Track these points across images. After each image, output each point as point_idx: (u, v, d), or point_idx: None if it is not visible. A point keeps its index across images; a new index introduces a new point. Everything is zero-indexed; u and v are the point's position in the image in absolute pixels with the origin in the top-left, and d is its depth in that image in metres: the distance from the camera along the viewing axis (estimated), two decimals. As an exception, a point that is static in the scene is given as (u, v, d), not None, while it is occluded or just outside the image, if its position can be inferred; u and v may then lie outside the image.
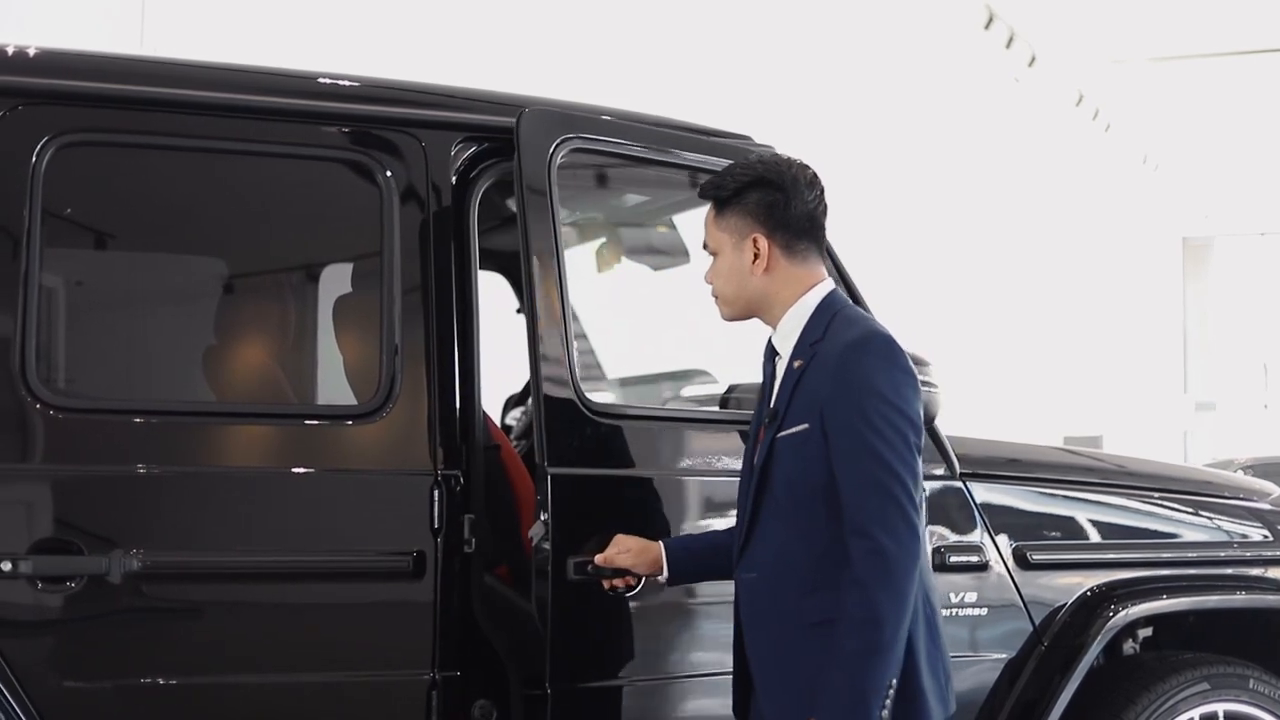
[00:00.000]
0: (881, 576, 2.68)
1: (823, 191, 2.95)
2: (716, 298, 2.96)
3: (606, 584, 3.10)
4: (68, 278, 3.58)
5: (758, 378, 3.05)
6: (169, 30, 6.31)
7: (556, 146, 3.26)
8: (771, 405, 2.89)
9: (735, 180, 2.92)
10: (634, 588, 3.12)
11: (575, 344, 3.23)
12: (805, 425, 2.78)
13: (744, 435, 3.23)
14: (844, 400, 2.74)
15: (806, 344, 2.85)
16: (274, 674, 3.10)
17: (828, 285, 2.93)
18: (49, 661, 2.94)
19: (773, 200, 2.90)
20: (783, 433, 2.82)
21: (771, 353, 2.96)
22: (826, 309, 2.89)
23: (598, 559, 3.07)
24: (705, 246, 2.98)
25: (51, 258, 3.18)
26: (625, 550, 3.08)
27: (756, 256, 2.89)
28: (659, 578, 3.09)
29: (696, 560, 3.10)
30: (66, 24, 5.95)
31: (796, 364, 2.85)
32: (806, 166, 2.96)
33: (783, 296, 2.90)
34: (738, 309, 2.95)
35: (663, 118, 3.58)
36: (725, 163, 3.39)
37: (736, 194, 2.91)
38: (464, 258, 3.27)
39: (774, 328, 2.94)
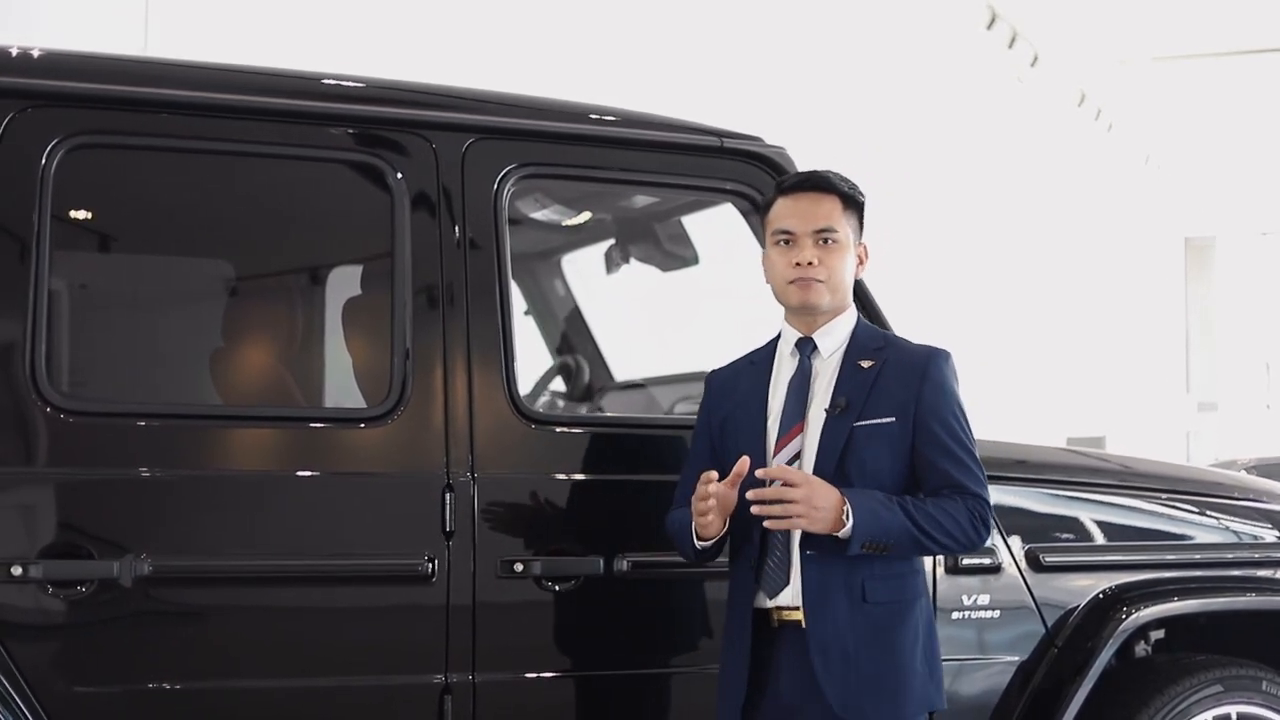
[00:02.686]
0: (970, 528, 2.99)
1: None
2: (824, 282, 3.06)
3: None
4: (77, 280, 3.57)
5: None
6: (172, 31, 6.30)
7: (504, 175, 3.30)
8: (837, 398, 3.01)
9: (859, 194, 3.12)
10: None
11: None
12: (890, 418, 3.00)
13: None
14: (940, 402, 3.03)
15: (869, 349, 3.07)
16: (285, 678, 3.09)
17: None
18: (60, 666, 2.93)
19: (863, 222, 3.15)
20: (862, 422, 2.99)
21: (808, 349, 3.07)
22: (865, 323, 3.15)
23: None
24: (829, 231, 3.06)
25: (61, 260, 3.17)
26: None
27: (861, 263, 3.14)
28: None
29: None
30: (68, 24, 5.94)
31: (866, 364, 3.04)
32: None
33: (846, 304, 3.12)
34: (836, 300, 3.09)
35: (657, 119, 3.57)
36: (683, 173, 3.52)
37: (858, 205, 3.12)
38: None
39: (818, 328, 3.08)
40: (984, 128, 13.67)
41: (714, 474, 2.96)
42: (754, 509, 2.91)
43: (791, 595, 2.97)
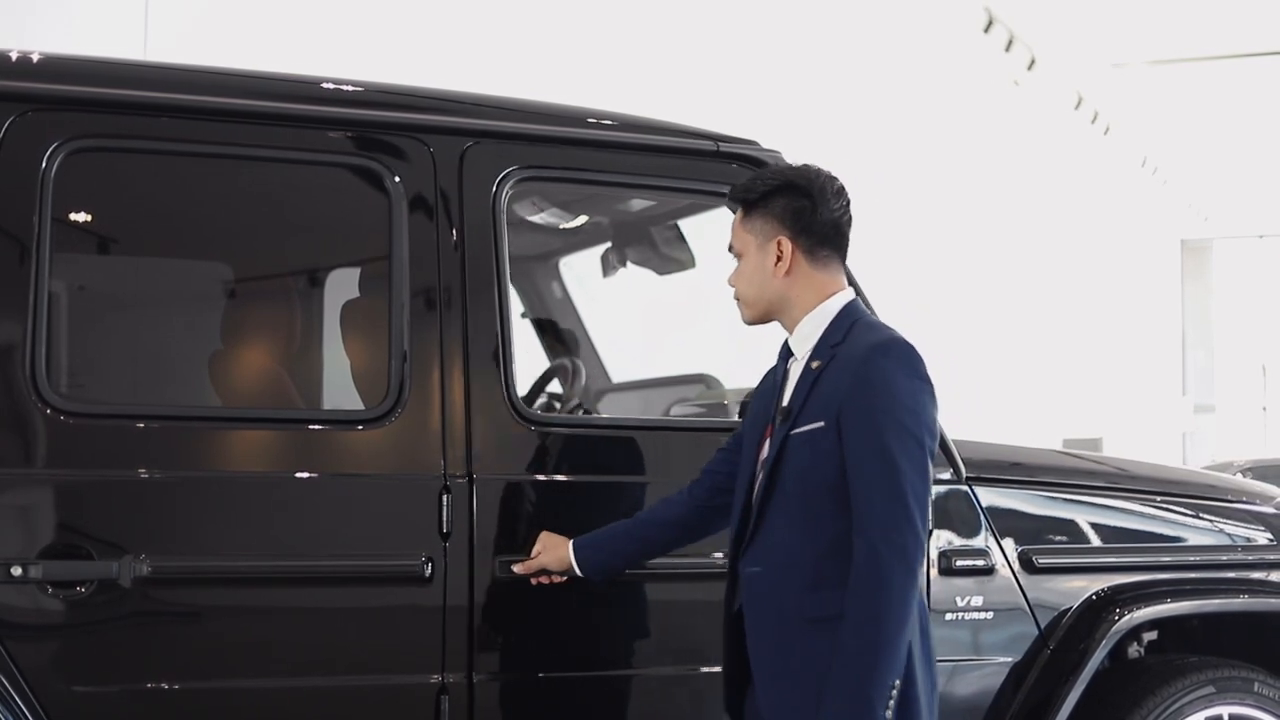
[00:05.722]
0: (885, 577, 2.74)
1: (849, 203, 3.01)
2: (739, 299, 3.03)
3: (534, 581, 3.21)
4: (77, 283, 3.59)
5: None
6: (172, 34, 6.31)
7: (502, 179, 3.31)
8: (785, 404, 2.94)
9: (764, 185, 2.99)
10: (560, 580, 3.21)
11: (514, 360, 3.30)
12: (820, 423, 2.84)
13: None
14: (863, 401, 2.81)
15: (826, 346, 2.92)
16: (283, 678, 3.10)
17: (849, 294, 3.00)
18: (60, 666, 2.95)
19: (800, 206, 2.96)
20: (796, 430, 2.88)
21: (786, 354, 3.03)
22: (847, 315, 2.95)
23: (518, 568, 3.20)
24: (730, 249, 3.04)
25: (61, 263, 3.18)
26: (540, 550, 3.19)
27: (779, 259, 2.96)
28: (574, 574, 3.18)
29: (607, 552, 3.18)
30: (68, 28, 5.96)
31: (814, 364, 2.91)
32: (835, 178, 3.02)
33: (803, 300, 2.97)
34: (758, 311, 3.01)
35: (653, 123, 3.58)
36: (679, 177, 3.54)
37: (764, 198, 2.97)
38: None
39: (791, 331, 3.00)
40: (981, 131, 13.69)
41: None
42: None
43: None
